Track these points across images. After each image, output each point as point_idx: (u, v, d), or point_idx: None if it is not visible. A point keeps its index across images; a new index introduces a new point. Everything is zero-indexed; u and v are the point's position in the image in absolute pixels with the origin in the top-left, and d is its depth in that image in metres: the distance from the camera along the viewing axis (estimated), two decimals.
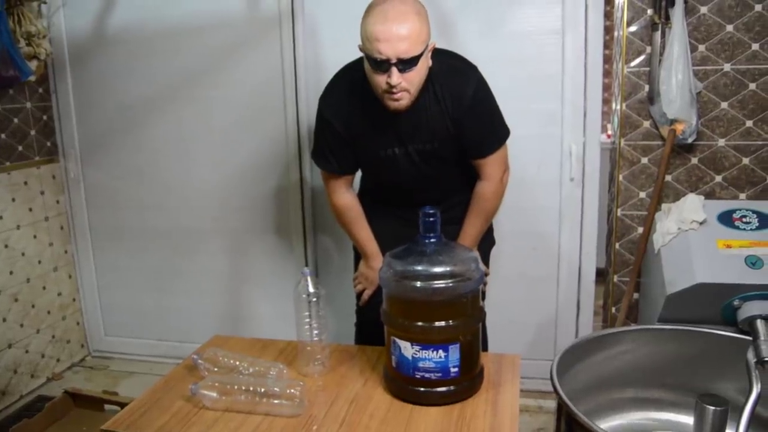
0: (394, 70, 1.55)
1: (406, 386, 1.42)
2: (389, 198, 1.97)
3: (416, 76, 1.61)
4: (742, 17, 2.24)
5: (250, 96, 2.69)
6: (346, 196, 1.91)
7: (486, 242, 2.05)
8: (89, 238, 3.06)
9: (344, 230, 1.98)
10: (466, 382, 1.43)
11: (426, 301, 1.37)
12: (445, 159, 1.82)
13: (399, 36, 1.52)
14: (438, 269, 1.38)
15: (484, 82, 1.78)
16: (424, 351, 1.38)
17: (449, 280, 1.37)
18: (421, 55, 1.57)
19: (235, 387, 1.39)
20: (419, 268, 1.39)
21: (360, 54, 1.65)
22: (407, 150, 1.79)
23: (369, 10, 1.58)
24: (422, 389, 1.40)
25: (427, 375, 1.39)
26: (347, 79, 1.78)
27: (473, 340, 1.43)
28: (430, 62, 1.66)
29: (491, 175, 1.84)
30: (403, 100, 1.63)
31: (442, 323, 1.37)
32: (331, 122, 1.78)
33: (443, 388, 1.40)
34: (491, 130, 1.81)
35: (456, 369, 1.39)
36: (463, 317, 1.39)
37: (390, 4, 1.54)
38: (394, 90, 1.59)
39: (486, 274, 1.78)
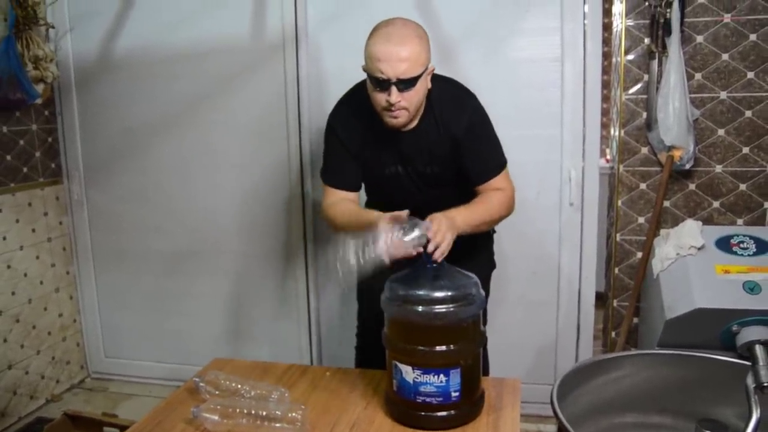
0: (394, 89, 1.61)
1: (407, 410, 1.43)
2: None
3: (414, 96, 1.66)
4: (737, 46, 2.28)
5: (253, 120, 2.72)
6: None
7: (486, 266, 2.07)
8: (91, 260, 3.07)
9: (346, 229, 1.83)
10: (467, 406, 1.44)
11: (427, 325, 1.38)
12: (446, 183, 1.85)
13: (399, 57, 1.58)
14: (439, 294, 1.40)
15: (482, 109, 1.82)
16: (425, 375, 1.39)
17: (450, 305, 1.38)
18: (419, 77, 1.63)
19: (237, 410, 1.40)
20: (421, 292, 1.40)
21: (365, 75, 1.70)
22: (408, 171, 1.84)
23: (373, 32, 1.65)
24: (423, 413, 1.41)
25: (428, 399, 1.40)
26: (356, 97, 1.83)
27: (474, 365, 1.44)
28: (429, 85, 1.72)
29: (500, 188, 1.83)
30: (401, 118, 1.68)
31: (443, 347, 1.38)
32: (339, 137, 1.83)
33: (444, 413, 1.41)
34: (490, 156, 1.84)
35: (457, 393, 1.40)
36: (464, 341, 1.41)
37: (393, 27, 1.62)
38: (393, 108, 1.65)
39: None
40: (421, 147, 1.78)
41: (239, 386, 1.54)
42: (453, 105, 1.77)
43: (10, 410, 2.71)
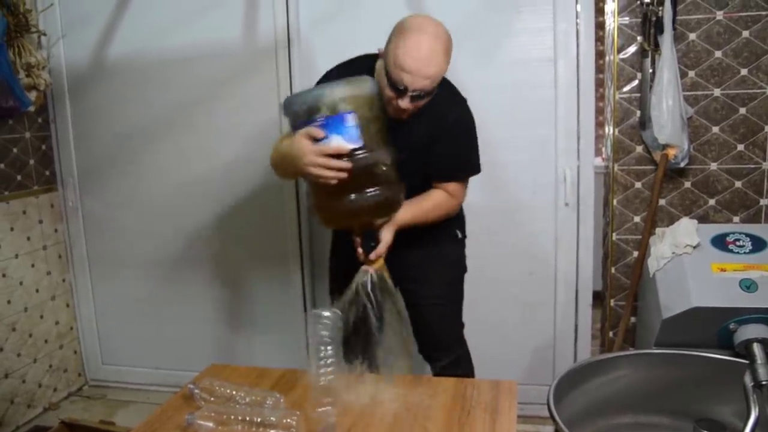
0: (407, 97, 1.61)
1: None
2: None
3: (423, 103, 1.67)
4: (730, 43, 2.28)
5: (247, 124, 2.71)
6: None
7: (451, 269, 2.04)
8: (87, 267, 3.07)
9: (277, 167, 1.86)
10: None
11: None
12: (409, 173, 1.76)
13: (425, 75, 1.58)
14: None
15: (469, 113, 1.82)
16: None
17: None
18: (434, 90, 1.64)
19: (232, 417, 1.39)
20: None
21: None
22: None
23: (403, 33, 1.60)
24: None
25: None
26: (353, 68, 1.79)
27: None
28: None
29: (453, 193, 1.86)
30: (404, 115, 1.69)
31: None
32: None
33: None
34: (465, 158, 1.85)
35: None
36: None
37: (425, 37, 1.58)
38: (402, 110, 1.66)
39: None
40: (400, 133, 1.75)
41: (234, 392, 1.53)
42: (444, 103, 1.78)
43: (8, 419, 2.70)
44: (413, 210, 1.78)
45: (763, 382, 1.61)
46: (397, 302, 1.69)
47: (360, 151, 1.57)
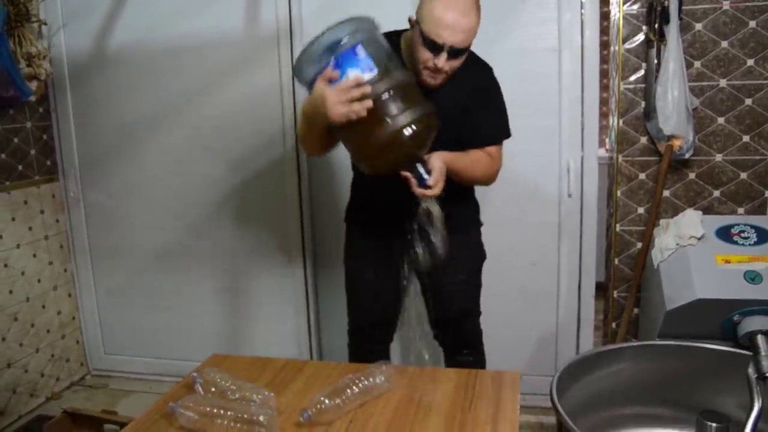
0: (444, 55, 1.62)
1: None
2: (379, 207, 1.94)
3: (458, 63, 1.69)
4: (737, 33, 2.26)
5: (248, 114, 2.70)
6: None
7: (477, 256, 2.06)
8: (89, 257, 3.06)
9: (305, 135, 1.79)
10: None
11: None
12: (444, 141, 1.75)
13: (462, 28, 1.61)
14: None
15: (496, 80, 1.86)
16: None
17: None
18: (469, 47, 1.67)
19: (215, 410, 1.37)
20: None
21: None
22: None
23: None
24: None
25: None
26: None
27: None
28: None
29: (492, 155, 1.87)
30: (438, 80, 1.70)
31: None
32: None
33: None
34: (500, 120, 1.88)
35: None
36: None
37: None
38: (437, 70, 1.66)
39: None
40: (436, 101, 1.72)
41: (229, 384, 1.52)
42: (474, 66, 1.80)
43: (10, 409, 2.70)
44: (459, 154, 1.76)
45: (767, 374, 1.60)
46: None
47: (380, 77, 1.55)
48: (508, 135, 1.90)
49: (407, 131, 1.55)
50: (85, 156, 2.96)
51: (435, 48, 1.62)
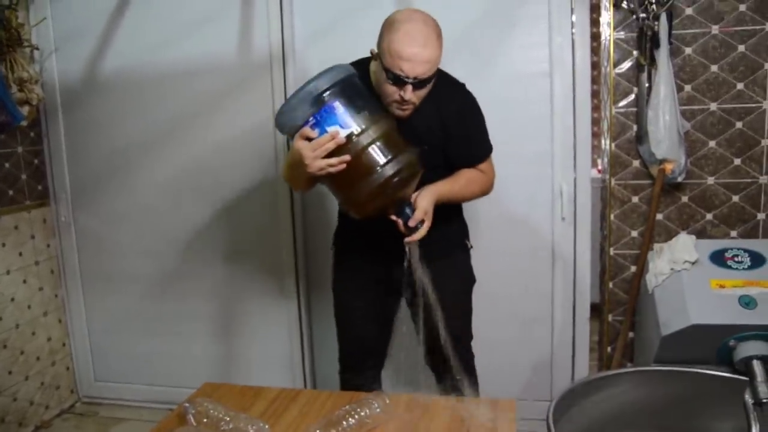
0: (410, 87, 1.63)
1: None
2: (365, 234, 1.93)
3: (425, 92, 1.69)
4: (726, 57, 2.28)
5: (241, 140, 2.70)
6: None
7: (464, 279, 2.04)
8: (80, 283, 3.03)
9: (290, 178, 1.83)
10: None
11: None
12: (434, 166, 1.79)
13: (422, 59, 1.60)
14: None
15: (474, 99, 1.86)
16: None
17: None
18: (434, 76, 1.66)
19: None
20: None
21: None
22: None
23: (393, 26, 1.63)
24: None
25: None
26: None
27: None
28: None
29: (483, 170, 1.89)
30: (408, 111, 1.72)
31: None
32: None
33: None
34: (479, 140, 1.88)
35: None
36: None
37: (415, 25, 1.61)
38: (404, 103, 1.67)
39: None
40: (413, 129, 1.76)
41: (222, 415, 1.50)
42: (447, 91, 1.80)
43: None
44: (450, 182, 1.80)
45: (764, 400, 1.59)
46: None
47: (358, 132, 1.57)
48: (490, 149, 1.91)
49: (394, 180, 1.58)
50: (76, 181, 2.95)
51: (398, 81, 1.62)
